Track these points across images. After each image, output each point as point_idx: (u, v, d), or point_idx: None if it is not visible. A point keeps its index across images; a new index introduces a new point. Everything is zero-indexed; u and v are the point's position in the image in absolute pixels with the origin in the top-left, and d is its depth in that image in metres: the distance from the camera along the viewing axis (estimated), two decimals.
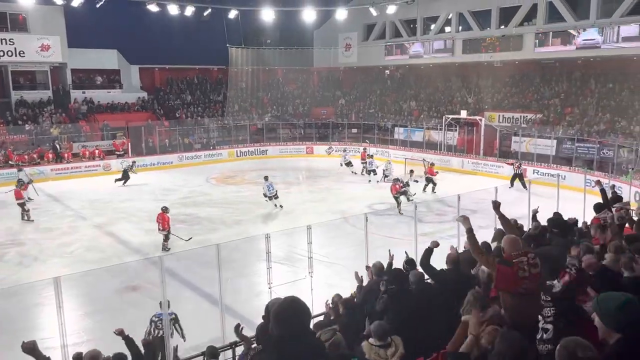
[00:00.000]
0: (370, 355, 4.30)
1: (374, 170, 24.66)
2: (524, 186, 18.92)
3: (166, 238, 15.05)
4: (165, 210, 15.22)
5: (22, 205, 18.55)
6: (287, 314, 2.62)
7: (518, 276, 3.74)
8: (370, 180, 24.23)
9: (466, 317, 3.91)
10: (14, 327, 9.73)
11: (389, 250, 7.79)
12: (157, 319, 8.26)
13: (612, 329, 2.71)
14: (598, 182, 10.21)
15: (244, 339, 5.15)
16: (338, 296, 7.09)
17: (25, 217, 18.39)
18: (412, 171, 22.72)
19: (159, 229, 15.07)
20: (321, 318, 6.79)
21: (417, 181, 21.03)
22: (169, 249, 14.87)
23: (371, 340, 4.40)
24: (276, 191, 19.20)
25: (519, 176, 21.66)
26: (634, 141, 21.85)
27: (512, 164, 23.19)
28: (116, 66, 35.99)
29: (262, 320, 4.81)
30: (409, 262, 7.06)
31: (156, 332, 8.17)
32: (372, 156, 26.03)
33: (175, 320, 8.41)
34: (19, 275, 12.95)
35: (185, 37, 34.62)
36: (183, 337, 8.46)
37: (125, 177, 24.56)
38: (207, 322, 9.12)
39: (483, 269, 5.26)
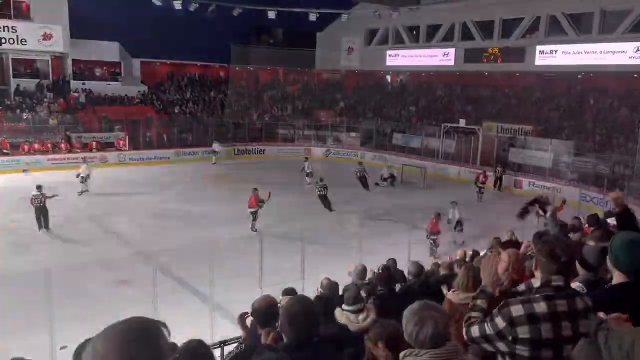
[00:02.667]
0: (342, 320, 4.32)
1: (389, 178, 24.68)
2: (500, 189, 21.13)
3: (254, 217, 16.05)
4: (254, 191, 16.32)
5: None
6: (298, 313, 2.62)
7: None
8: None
9: (450, 294, 3.94)
10: (1, 317, 9.69)
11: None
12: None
13: (614, 267, 2.66)
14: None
15: (246, 330, 5.12)
16: (327, 280, 7.23)
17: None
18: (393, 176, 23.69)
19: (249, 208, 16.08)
20: None
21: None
22: (256, 230, 15.71)
23: (343, 306, 4.45)
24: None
25: (499, 180, 23.50)
26: (630, 158, 21.96)
27: (495, 169, 24.62)
28: (118, 59, 35.93)
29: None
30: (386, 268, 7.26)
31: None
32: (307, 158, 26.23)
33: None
34: (9, 266, 12.89)
35: (188, 33, 34.59)
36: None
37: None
38: (196, 319, 9.11)
39: None
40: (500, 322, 2.41)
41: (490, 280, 2.93)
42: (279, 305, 3.88)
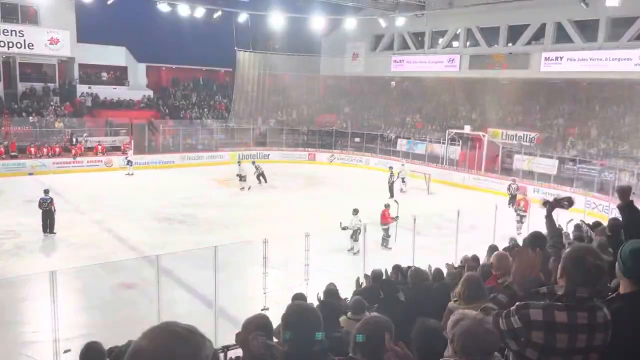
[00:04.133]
0: (347, 327, 4.40)
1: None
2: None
3: (386, 234, 15.73)
4: (387, 206, 16.00)
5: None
6: (297, 320, 2.58)
7: None
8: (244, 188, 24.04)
9: (453, 304, 3.92)
10: (5, 318, 9.72)
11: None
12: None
13: (623, 275, 2.57)
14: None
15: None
16: (331, 285, 7.28)
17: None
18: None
19: (381, 224, 15.69)
20: None
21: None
22: (390, 248, 15.47)
23: (349, 314, 4.49)
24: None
25: (513, 198, 20.38)
26: (636, 165, 21.88)
27: (509, 186, 21.72)
28: (124, 63, 36.12)
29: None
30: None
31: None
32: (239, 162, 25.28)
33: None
34: (14, 267, 12.94)
35: (193, 38, 34.71)
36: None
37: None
38: (200, 323, 9.08)
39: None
40: (516, 322, 2.38)
41: (521, 276, 2.87)
42: None
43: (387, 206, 16.19)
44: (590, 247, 2.60)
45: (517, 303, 2.50)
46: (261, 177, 25.41)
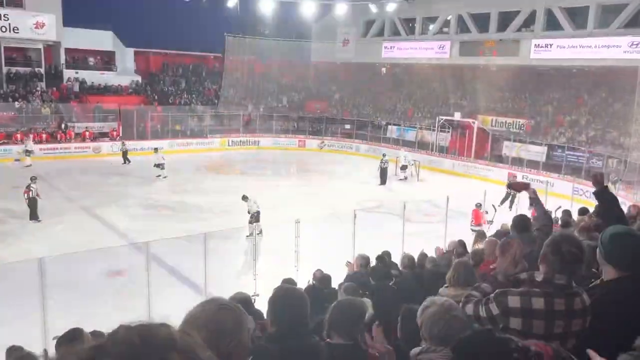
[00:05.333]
0: None
1: None
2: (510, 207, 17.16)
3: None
4: (478, 206, 15.07)
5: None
6: (284, 302, 2.60)
7: None
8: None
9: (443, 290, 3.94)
10: None
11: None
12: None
13: (605, 261, 2.58)
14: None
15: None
16: (320, 272, 7.28)
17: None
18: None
19: (472, 225, 14.69)
20: None
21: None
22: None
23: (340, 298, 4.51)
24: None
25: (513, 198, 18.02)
26: (623, 152, 22.08)
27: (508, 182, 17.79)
28: (111, 48, 35.63)
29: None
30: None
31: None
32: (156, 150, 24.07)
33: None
34: (1, 254, 12.82)
35: (183, 22, 34.41)
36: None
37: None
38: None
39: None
40: (495, 309, 2.41)
41: (506, 266, 2.89)
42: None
43: (478, 206, 15.09)
44: (568, 234, 2.61)
45: (496, 290, 2.52)
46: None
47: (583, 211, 8.81)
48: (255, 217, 14.73)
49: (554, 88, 29.38)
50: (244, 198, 15.54)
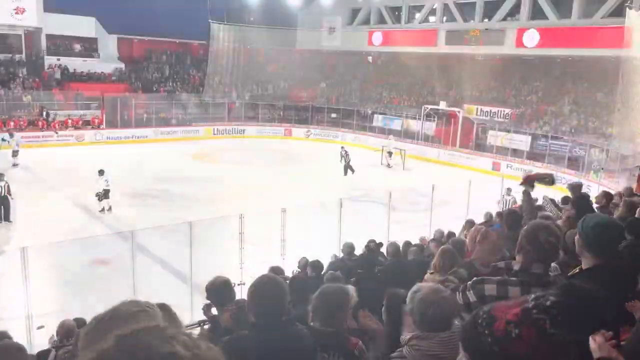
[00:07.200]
0: None
1: None
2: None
3: None
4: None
5: None
6: (262, 291, 2.61)
7: None
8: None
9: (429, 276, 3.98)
10: None
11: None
12: None
13: (584, 248, 2.59)
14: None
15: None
16: (305, 259, 7.32)
17: None
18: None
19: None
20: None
21: None
22: None
23: None
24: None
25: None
26: (605, 141, 22.40)
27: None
28: (94, 34, 35.01)
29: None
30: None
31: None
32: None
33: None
34: None
35: (167, 9, 33.76)
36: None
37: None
38: (175, 299, 9.09)
39: None
40: (471, 296, 2.44)
41: (484, 254, 2.93)
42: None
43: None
44: (545, 224, 2.63)
45: (473, 278, 2.56)
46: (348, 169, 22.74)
47: (566, 200, 8.91)
48: (104, 194, 15.73)
49: (538, 77, 29.60)
50: (101, 172, 16.01)
